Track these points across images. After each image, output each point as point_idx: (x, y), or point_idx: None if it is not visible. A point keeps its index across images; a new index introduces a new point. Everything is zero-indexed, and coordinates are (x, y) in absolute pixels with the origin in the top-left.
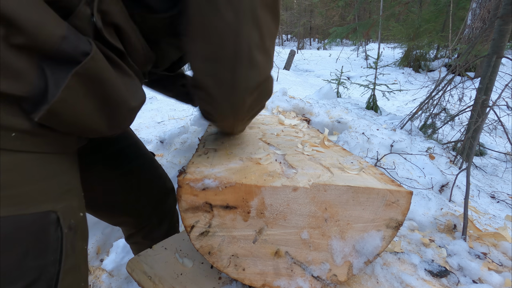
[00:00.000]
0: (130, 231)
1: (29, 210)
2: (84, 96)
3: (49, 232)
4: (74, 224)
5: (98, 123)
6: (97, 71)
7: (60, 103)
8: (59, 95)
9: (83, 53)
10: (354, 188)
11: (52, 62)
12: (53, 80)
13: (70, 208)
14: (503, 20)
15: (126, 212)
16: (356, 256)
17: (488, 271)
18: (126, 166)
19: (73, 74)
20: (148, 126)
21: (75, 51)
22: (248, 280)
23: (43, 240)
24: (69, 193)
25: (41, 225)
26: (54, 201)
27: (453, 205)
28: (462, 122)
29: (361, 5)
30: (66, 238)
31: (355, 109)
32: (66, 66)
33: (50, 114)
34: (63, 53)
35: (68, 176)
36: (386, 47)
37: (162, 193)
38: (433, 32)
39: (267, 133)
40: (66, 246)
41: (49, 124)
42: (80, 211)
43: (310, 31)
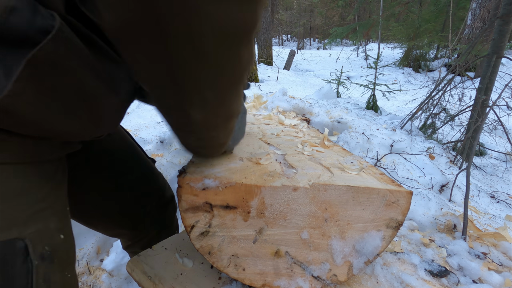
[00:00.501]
0: (127, 243)
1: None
2: (49, 88)
3: (14, 265)
4: (49, 251)
5: (72, 123)
6: (64, 55)
7: (12, 99)
8: (11, 87)
9: (42, 30)
10: (354, 188)
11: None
12: (3, 69)
13: (44, 232)
14: (503, 20)
15: (122, 225)
16: (356, 256)
17: (488, 271)
18: (123, 178)
19: (30, 58)
20: (148, 126)
21: (30, 27)
22: (248, 280)
23: (7, 275)
24: (43, 212)
25: (4, 257)
26: (22, 225)
27: (453, 205)
28: (462, 122)
29: (361, 5)
30: (38, 271)
31: (355, 109)
32: (21, 49)
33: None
34: (12, 30)
35: (43, 192)
36: (386, 47)
37: (161, 204)
38: (433, 32)
39: (267, 133)
40: (37, 281)
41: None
42: (60, 233)
43: (310, 31)
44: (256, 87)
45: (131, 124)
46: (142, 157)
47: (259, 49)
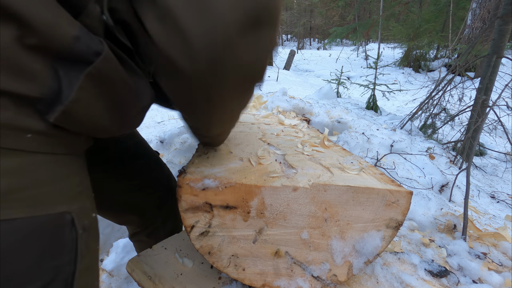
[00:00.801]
0: (134, 230)
1: (45, 211)
2: (96, 96)
3: (64, 233)
4: (87, 224)
5: (109, 123)
6: (109, 71)
7: (74, 104)
8: (73, 95)
9: (95, 53)
10: (354, 188)
11: (65, 63)
12: (66, 81)
13: (83, 209)
14: (503, 20)
15: (131, 211)
16: (356, 256)
17: (488, 271)
18: (132, 165)
19: (86, 74)
20: (148, 126)
21: (87, 51)
22: (248, 280)
23: (59, 241)
24: (81, 194)
25: (57, 226)
26: (68, 202)
27: (453, 205)
28: (462, 122)
29: (361, 5)
30: (81, 239)
31: (355, 109)
32: (79, 66)
33: (64, 115)
34: (76, 53)
35: (80, 178)
36: (386, 47)
37: (167, 191)
38: (433, 32)
39: (267, 133)
40: (81, 246)
41: (63, 124)
42: (93, 212)
43: (310, 31)
44: (256, 87)
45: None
46: (148, 146)
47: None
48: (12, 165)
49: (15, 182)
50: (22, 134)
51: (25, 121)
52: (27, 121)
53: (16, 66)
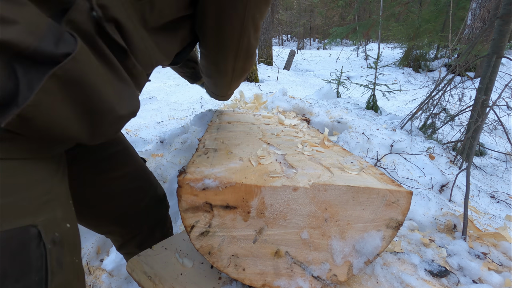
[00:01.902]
0: (119, 242)
1: (5, 226)
2: (62, 100)
3: (29, 249)
4: (59, 237)
5: (77, 130)
6: (80, 74)
7: (32, 108)
8: (32, 98)
9: (64, 54)
10: (354, 188)
11: (26, 62)
12: (25, 82)
13: (53, 220)
14: (503, 20)
15: (113, 222)
16: (356, 256)
17: (488, 271)
18: (115, 173)
19: (51, 75)
20: (148, 126)
21: (55, 50)
22: (248, 280)
23: (24, 259)
24: (50, 203)
25: (20, 242)
26: (33, 214)
27: (453, 205)
28: (462, 122)
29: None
30: (51, 254)
31: (355, 109)
32: (43, 66)
33: (20, 120)
34: (39, 51)
35: (48, 185)
36: (386, 47)
37: (154, 201)
38: (433, 32)
39: (267, 133)
40: (51, 263)
41: (18, 130)
42: (66, 222)
43: (310, 31)
44: (256, 87)
45: (131, 124)
46: (134, 155)
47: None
48: None
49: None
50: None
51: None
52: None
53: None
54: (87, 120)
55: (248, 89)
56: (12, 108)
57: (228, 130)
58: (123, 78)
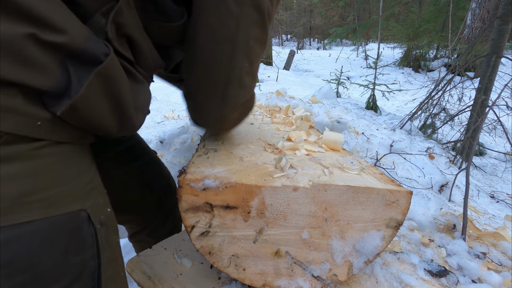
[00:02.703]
0: (134, 229)
1: (61, 211)
2: (102, 95)
3: (82, 229)
4: (104, 219)
5: (110, 123)
6: (115, 72)
7: (81, 99)
8: (82, 91)
9: (105, 53)
10: (354, 188)
11: (75, 60)
12: (76, 77)
13: (97, 205)
14: (502, 20)
15: (131, 211)
16: (356, 256)
17: (488, 271)
18: (132, 165)
19: (96, 72)
20: (148, 126)
21: (97, 51)
22: (248, 280)
23: (79, 237)
24: (93, 191)
25: (75, 224)
26: (82, 200)
27: (452, 205)
28: (462, 122)
29: (361, 5)
30: (100, 233)
31: (354, 109)
32: (88, 65)
33: (71, 109)
34: (87, 51)
35: (91, 174)
36: (386, 47)
37: (167, 190)
38: (432, 32)
39: (266, 134)
40: (101, 240)
41: (67, 119)
42: (107, 207)
43: (310, 31)
44: (255, 87)
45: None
46: (146, 147)
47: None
48: (23, 168)
49: (28, 185)
50: (32, 121)
51: (34, 110)
52: (36, 110)
53: (27, 60)
54: (117, 113)
55: None
56: (65, 99)
57: None
58: (136, 76)
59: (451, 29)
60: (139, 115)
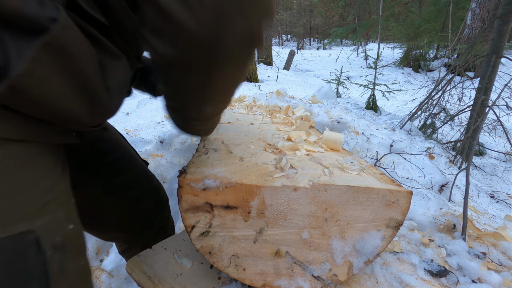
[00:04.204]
0: (122, 247)
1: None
2: (56, 72)
3: (28, 257)
4: (60, 241)
5: (76, 108)
6: (70, 42)
7: (25, 78)
8: (24, 68)
9: (50, 18)
10: (354, 188)
11: (12, 29)
12: (15, 51)
13: (53, 223)
14: (502, 20)
15: (117, 229)
16: (356, 256)
17: (488, 271)
18: (117, 181)
19: (43, 43)
20: (148, 126)
21: (39, 16)
22: (248, 280)
23: (22, 268)
24: (51, 204)
25: (17, 250)
26: (31, 217)
27: (452, 205)
28: (462, 122)
29: (361, 5)
30: (51, 261)
31: (354, 109)
32: (31, 34)
33: (12, 91)
34: (26, 17)
35: (49, 182)
36: (386, 47)
37: (157, 205)
38: (432, 32)
39: (266, 134)
40: (52, 270)
41: (10, 104)
42: (69, 223)
43: (309, 31)
44: (256, 87)
45: (131, 124)
46: (136, 159)
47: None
48: None
49: None
50: None
51: None
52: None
53: None
54: (83, 94)
55: (248, 89)
56: (2, 79)
57: (228, 130)
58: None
59: (451, 29)
60: (113, 96)
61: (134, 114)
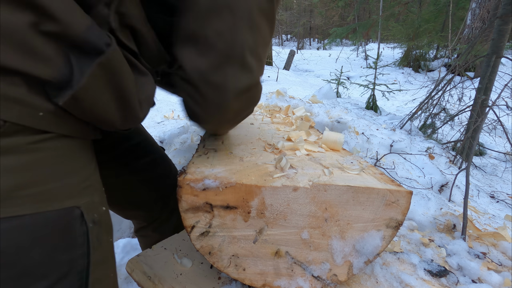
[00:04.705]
0: (140, 224)
1: (54, 206)
2: (105, 86)
3: (74, 227)
4: (97, 218)
5: (113, 114)
6: (118, 63)
7: (83, 90)
8: (84, 82)
9: (106, 44)
10: (354, 188)
11: (78, 50)
12: (78, 68)
13: (92, 203)
14: (502, 20)
15: (138, 207)
16: (356, 256)
17: (488, 271)
18: (139, 162)
19: (98, 63)
20: (148, 126)
21: (99, 41)
22: (248, 280)
23: (70, 235)
24: (89, 188)
25: (66, 221)
26: (77, 197)
27: (452, 205)
28: (462, 122)
29: (361, 5)
30: (92, 232)
31: (354, 109)
32: (90, 55)
33: (73, 100)
34: (88, 42)
35: (87, 172)
36: (386, 47)
37: (173, 187)
38: (432, 32)
39: (266, 134)
40: (92, 239)
41: (70, 109)
42: (102, 206)
43: (310, 31)
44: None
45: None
46: (154, 143)
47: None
48: (19, 161)
49: (22, 179)
50: (35, 112)
51: (37, 100)
52: (39, 100)
53: (30, 50)
54: (120, 105)
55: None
56: (68, 90)
57: None
58: (139, 68)
59: (451, 29)
60: (143, 106)
61: None
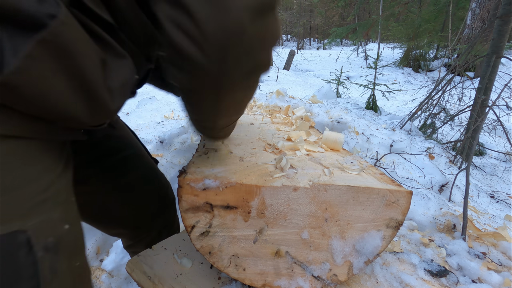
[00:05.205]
0: (127, 242)
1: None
2: (54, 70)
3: (18, 258)
4: (53, 242)
5: (73, 107)
6: (70, 40)
7: (18, 75)
8: (17, 64)
9: (49, 15)
10: (354, 188)
11: (10, 25)
12: (10, 47)
13: (47, 223)
14: (502, 20)
15: (123, 225)
16: (356, 256)
17: (488, 271)
18: (126, 179)
19: (38, 40)
20: (148, 126)
21: (38, 11)
22: (248, 280)
23: (13, 268)
24: (46, 203)
25: (7, 250)
26: (24, 216)
27: (452, 205)
28: (462, 122)
29: (361, 5)
30: (42, 262)
31: (354, 109)
32: (28, 30)
33: (4, 88)
34: (22, 12)
35: (47, 180)
36: (386, 47)
37: (164, 204)
38: (432, 32)
39: (266, 134)
40: (43, 272)
41: (7, 101)
42: (65, 223)
43: (309, 31)
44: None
45: (131, 124)
46: (146, 157)
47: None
48: None
49: None
50: None
51: None
52: None
53: None
54: (83, 94)
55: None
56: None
57: None
58: (118, 52)
59: (451, 29)
60: (115, 97)
61: (134, 114)
